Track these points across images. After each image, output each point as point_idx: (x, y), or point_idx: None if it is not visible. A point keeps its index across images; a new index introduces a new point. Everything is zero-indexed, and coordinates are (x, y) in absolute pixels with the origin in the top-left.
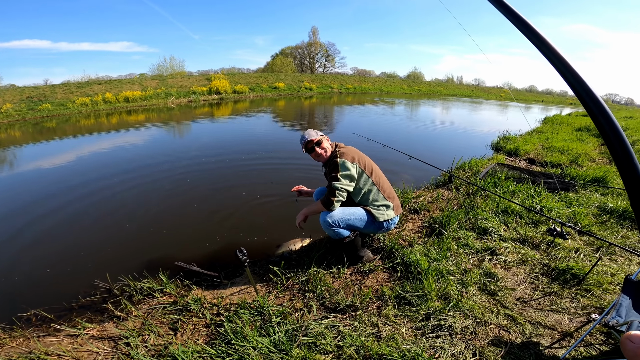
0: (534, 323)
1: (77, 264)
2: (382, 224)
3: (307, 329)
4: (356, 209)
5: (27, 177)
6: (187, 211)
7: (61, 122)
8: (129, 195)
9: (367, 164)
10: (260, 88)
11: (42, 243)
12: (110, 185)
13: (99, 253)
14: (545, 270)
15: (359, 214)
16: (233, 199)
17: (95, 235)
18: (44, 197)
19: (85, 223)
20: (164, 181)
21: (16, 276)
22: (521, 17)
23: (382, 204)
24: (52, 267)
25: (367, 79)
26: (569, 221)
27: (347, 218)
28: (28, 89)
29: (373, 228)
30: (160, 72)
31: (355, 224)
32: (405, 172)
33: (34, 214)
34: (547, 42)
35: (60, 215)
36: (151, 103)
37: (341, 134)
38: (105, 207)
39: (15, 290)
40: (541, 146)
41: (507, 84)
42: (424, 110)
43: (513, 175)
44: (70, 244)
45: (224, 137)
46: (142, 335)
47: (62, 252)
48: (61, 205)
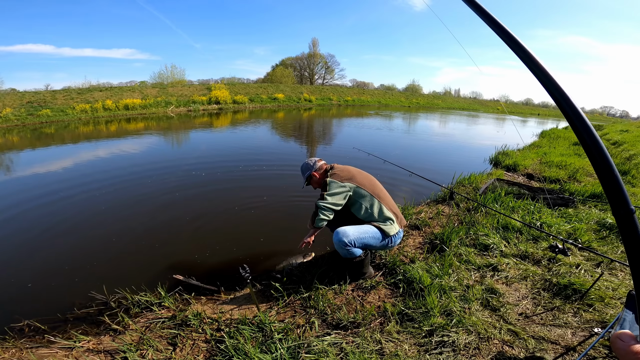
0: (537, 338)
1: (72, 275)
2: (391, 239)
3: (309, 345)
4: (368, 227)
5: (25, 184)
6: (186, 223)
7: (60, 128)
8: (125, 207)
9: (366, 180)
10: (260, 99)
11: (38, 253)
12: (106, 194)
13: (95, 264)
14: (546, 286)
15: (372, 232)
16: (233, 212)
17: (91, 246)
18: (37, 206)
19: (81, 234)
20: (160, 192)
21: (10, 285)
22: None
23: (387, 216)
24: (47, 277)
25: (366, 91)
26: (569, 237)
27: (362, 237)
28: (29, 94)
29: (384, 246)
30: (161, 80)
31: (369, 243)
32: (405, 187)
33: (27, 223)
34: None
35: (56, 225)
36: (151, 111)
37: (341, 148)
38: (100, 218)
39: (8, 300)
40: (539, 161)
41: (504, 96)
42: (423, 124)
43: (512, 190)
44: (65, 255)
45: (221, 147)
46: (140, 350)
47: (57, 263)
48: (55, 216)
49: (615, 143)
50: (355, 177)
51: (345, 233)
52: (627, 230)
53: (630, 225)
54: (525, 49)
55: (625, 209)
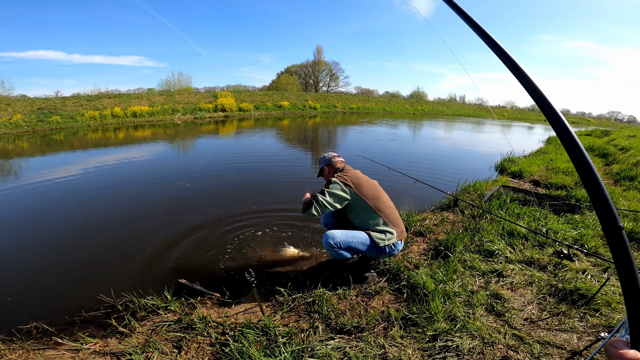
0: (543, 343)
1: (80, 279)
2: (385, 249)
3: (313, 350)
4: (358, 233)
5: (32, 191)
6: (191, 228)
7: (69, 134)
8: (130, 212)
9: (370, 191)
10: (265, 106)
11: (47, 256)
12: (112, 199)
13: (102, 268)
14: (552, 291)
15: (360, 237)
16: (238, 216)
17: (99, 250)
18: (49, 211)
19: (89, 238)
20: (168, 198)
21: (18, 288)
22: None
23: (383, 229)
24: (55, 280)
25: (371, 99)
26: (576, 243)
27: (349, 241)
28: (39, 100)
29: (375, 252)
30: (168, 88)
31: (356, 247)
32: (410, 194)
33: (38, 226)
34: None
35: (64, 229)
36: (158, 119)
37: (346, 155)
38: (107, 222)
39: (17, 302)
40: (545, 167)
41: (510, 102)
42: (428, 132)
43: (518, 197)
44: (74, 258)
45: (228, 152)
46: (146, 353)
47: (66, 266)
48: (63, 220)
49: (623, 149)
50: (362, 186)
51: (333, 235)
52: (615, 245)
53: (619, 240)
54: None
55: (614, 225)
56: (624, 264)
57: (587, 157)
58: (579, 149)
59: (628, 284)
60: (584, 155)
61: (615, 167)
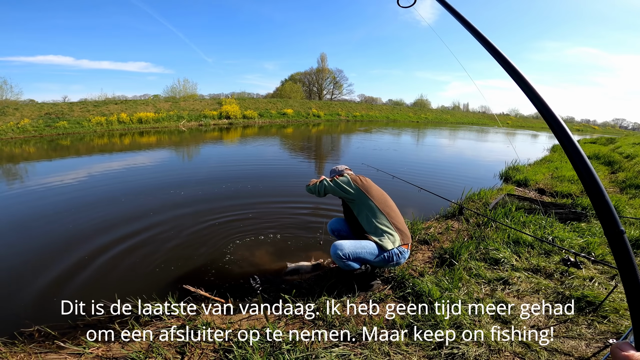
0: (550, 350)
1: (84, 282)
2: (392, 257)
3: (317, 357)
4: (367, 243)
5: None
6: (196, 234)
7: (75, 140)
8: (134, 217)
9: (377, 192)
10: (269, 114)
11: (50, 259)
12: (115, 204)
13: (106, 273)
14: (559, 299)
15: (369, 247)
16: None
17: (104, 255)
18: (49, 215)
19: (94, 241)
20: (170, 205)
21: (20, 291)
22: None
23: (389, 231)
24: (59, 283)
25: (374, 107)
26: (582, 251)
27: (358, 252)
28: (47, 105)
29: (383, 262)
30: (173, 94)
31: (365, 257)
32: (414, 202)
33: (41, 231)
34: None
35: (67, 233)
36: (163, 125)
37: (350, 164)
38: (109, 226)
39: (19, 305)
40: (550, 176)
41: (514, 110)
42: (431, 140)
43: (523, 205)
44: (77, 261)
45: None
46: (149, 358)
47: (69, 270)
48: (66, 225)
49: (628, 157)
50: (370, 189)
51: (341, 246)
52: (617, 249)
53: (621, 244)
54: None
55: (615, 229)
56: (625, 266)
57: (587, 162)
58: (579, 154)
59: (630, 285)
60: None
61: (621, 175)
